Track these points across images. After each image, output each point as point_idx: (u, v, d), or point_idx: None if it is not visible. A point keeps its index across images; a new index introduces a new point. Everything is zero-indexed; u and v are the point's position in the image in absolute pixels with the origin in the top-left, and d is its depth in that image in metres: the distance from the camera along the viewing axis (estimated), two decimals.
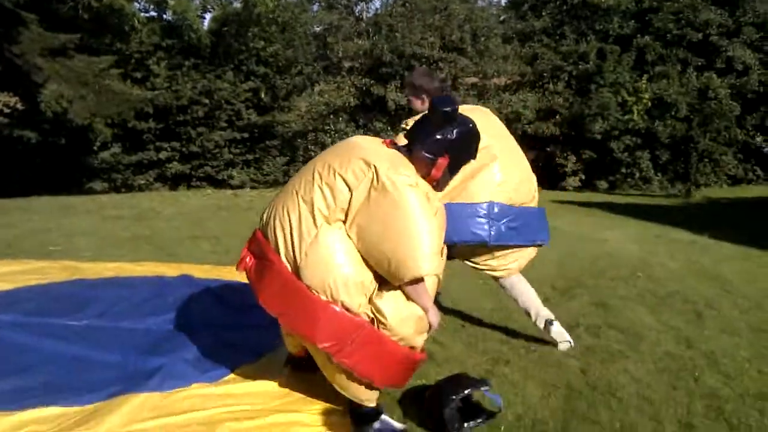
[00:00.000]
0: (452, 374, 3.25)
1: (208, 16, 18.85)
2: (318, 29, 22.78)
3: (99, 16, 14.35)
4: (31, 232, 7.45)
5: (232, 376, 3.35)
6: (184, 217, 8.89)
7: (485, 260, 3.89)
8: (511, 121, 19.24)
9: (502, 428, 2.93)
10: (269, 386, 3.23)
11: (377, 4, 23.55)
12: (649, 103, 18.89)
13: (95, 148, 16.41)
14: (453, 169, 2.81)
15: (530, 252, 3.98)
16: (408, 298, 2.64)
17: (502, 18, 22.81)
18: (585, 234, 8.28)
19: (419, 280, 2.61)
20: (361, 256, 2.62)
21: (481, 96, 20.77)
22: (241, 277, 4.04)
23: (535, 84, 20.33)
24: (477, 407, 3.02)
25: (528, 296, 3.98)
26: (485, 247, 3.78)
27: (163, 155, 17.04)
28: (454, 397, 2.89)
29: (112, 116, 12.71)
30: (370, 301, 2.62)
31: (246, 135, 18.07)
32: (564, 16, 20.39)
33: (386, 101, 19.37)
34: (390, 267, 2.56)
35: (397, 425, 2.89)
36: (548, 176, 18.94)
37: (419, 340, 2.74)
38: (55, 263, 5.64)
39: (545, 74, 20.03)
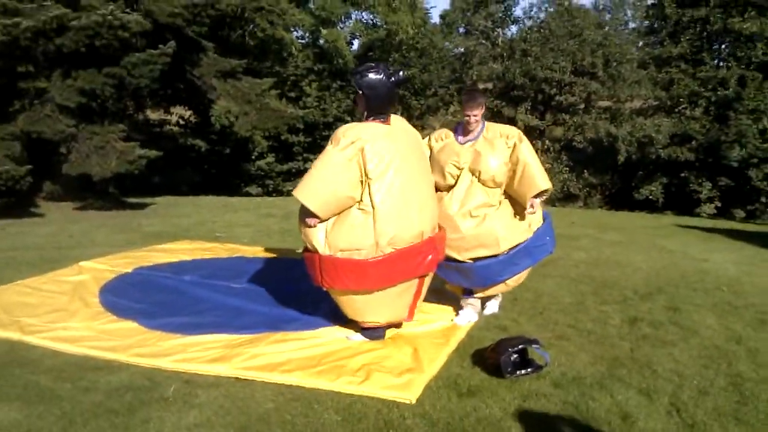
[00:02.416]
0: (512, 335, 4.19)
1: (356, 42, 20.64)
2: (455, 53, 23.93)
3: (263, 43, 16.48)
4: (202, 222, 9.18)
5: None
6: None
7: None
8: (643, 145, 19.24)
9: (547, 378, 3.81)
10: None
11: (513, 29, 24.27)
12: None
13: (253, 157, 18.57)
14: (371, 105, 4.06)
15: None
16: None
17: (640, 43, 22.69)
18: (689, 253, 8.63)
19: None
20: None
21: (613, 119, 20.89)
22: None
23: (671, 109, 20.11)
24: (529, 360, 3.91)
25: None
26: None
27: (309, 165, 18.81)
28: (510, 349, 3.81)
29: (269, 130, 14.61)
30: None
31: None
32: (703, 42, 20.02)
33: (516, 122, 20.09)
34: None
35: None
36: (681, 202, 18.69)
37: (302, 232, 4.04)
38: (221, 245, 7.21)
39: (682, 99, 19.77)
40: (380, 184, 3.92)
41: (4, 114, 9.58)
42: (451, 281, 4.77)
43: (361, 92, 4.06)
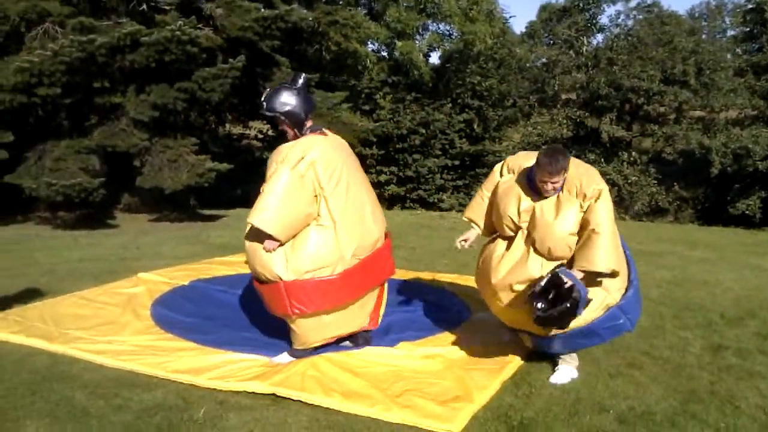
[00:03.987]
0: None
1: (433, 54, 20.47)
2: (537, 63, 23.37)
3: (338, 57, 16.53)
4: None
5: (400, 346, 4.19)
6: (391, 230, 10.03)
7: None
8: (739, 157, 18.03)
9: (611, 412, 3.40)
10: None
11: (599, 38, 23.45)
12: None
13: None
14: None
15: None
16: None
17: (737, 50, 21.42)
18: None
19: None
20: None
21: (707, 130, 19.76)
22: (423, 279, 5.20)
23: None
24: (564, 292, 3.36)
25: None
26: None
27: (382, 178, 18.76)
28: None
29: None
30: None
31: (457, 162, 19.13)
32: None
33: (600, 133, 19.32)
34: None
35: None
36: None
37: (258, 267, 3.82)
38: None
39: None
40: (336, 197, 3.81)
41: (80, 128, 9.97)
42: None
43: (279, 116, 3.91)
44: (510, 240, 3.80)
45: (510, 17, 38.42)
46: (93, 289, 5.53)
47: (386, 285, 4.30)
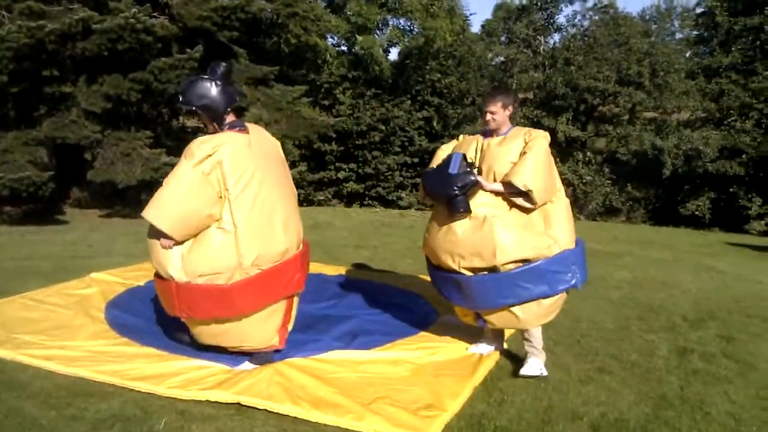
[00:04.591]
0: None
1: (393, 50, 20.37)
2: (495, 62, 23.51)
3: (297, 50, 16.28)
4: None
5: (368, 351, 4.09)
6: (351, 230, 9.95)
7: None
8: (690, 159, 18.50)
9: (585, 419, 3.36)
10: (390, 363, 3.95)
11: (556, 38, 23.73)
12: None
13: None
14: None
15: None
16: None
17: (687, 53, 21.98)
18: (742, 275, 8.04)
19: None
20: None
21: (659, 131, 20.19)
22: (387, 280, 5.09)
23: (720, 121, 19.32)
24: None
25: None
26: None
27: (341, 175, 18.62)
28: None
29: (300, 138, 14.37)
30: None
31: (417, 160, 19.14)
32: (756, 51, 19.21)
33: (556, 132, 19.54)
34: None
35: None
36: (729, 218, 17.89)
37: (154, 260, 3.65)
38: None
39: (732, 111, 18.98)
40: (242, 201, 3.55)
41: (29, 119, 9.54)
42: (453, 301, 4.04)
43: (195, 109, 3.68)
44: None
45: (470, 15, 38.64)
46: (43, 289, 5.24)
47: (296, 301, 3.98)
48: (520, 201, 3.72)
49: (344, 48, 19.25)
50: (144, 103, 10.74)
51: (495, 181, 3.76)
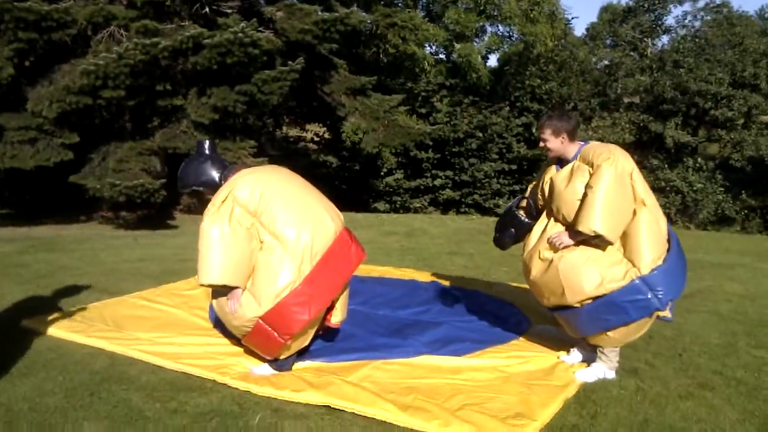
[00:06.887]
0: None
1: (491, 57, 20.20)
2: (599, 66, 22.77)
3: (395, 60, 16.51)
4: None
5: (458, 357, 4.08)
6: (446, 237, 9.93)
7: None
8: None
9: None
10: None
11: (664, 39, 22.68)
12: None
13: (382, 173, 18.62)
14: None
15: None
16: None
17: None
18: None
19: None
20: None
21: None
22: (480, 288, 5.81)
23: None
24: None
25: None
26: None
27: (437, 182, 18.61)
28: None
29: (396, 146, 14.54)
30: None
31: (514, 167, 18.84)
32: None
33: (664, 138, 18.67)
34: None
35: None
36: None
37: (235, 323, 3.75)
38: None
39: None
40: (270, 213, 3.68)
41: (143, 130, 10.18)
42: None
43: (197, 189, 3.94)
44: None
45: (572, 18, 37.69)
46: (152, 289, 5.59)
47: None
48: (595, 242, 3.64)
49: (442, 56, 19.29)
50: (248, 114, 11.22)
51: (566, 221, 3.73)
